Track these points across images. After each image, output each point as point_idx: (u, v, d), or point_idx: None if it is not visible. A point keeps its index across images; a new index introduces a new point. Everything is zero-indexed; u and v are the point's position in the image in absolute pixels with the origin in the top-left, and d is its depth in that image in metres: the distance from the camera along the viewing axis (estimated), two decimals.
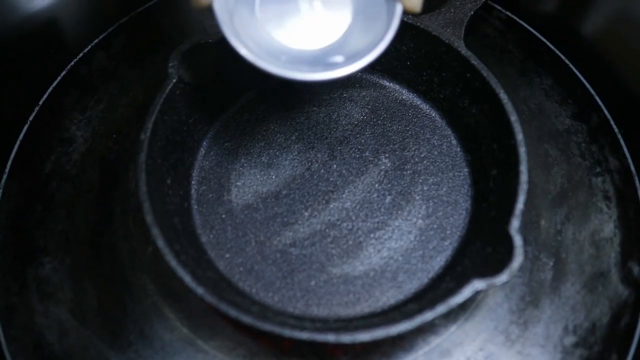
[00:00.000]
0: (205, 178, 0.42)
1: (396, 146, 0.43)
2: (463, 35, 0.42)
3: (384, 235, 0.39)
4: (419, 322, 0.31)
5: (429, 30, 0.41)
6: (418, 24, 0.42)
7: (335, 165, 0.42)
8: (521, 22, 0.51)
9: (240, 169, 0.42)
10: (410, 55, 0.44)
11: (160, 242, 0.33)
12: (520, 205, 0.34)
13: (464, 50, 0.40)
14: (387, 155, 0.43)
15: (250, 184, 0.41)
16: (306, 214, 0.40)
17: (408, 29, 0.42)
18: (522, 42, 0.49)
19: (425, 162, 0.42)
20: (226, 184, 0.41)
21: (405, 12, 0.33)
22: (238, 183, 0.41)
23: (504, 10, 0.51)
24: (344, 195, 0.41)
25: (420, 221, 0.40)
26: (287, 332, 0.31)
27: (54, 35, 0.50)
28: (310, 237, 0.39)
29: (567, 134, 0.45)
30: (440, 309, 0.31)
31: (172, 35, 0.50)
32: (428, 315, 0.31)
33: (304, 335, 0.31)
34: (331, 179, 0.42)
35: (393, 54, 0.45)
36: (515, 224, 0.33)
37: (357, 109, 0.45)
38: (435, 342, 0.36)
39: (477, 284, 0.31)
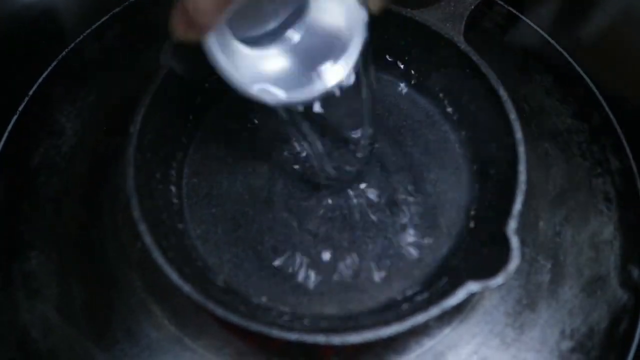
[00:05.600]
0: (196, 172, 0.41)
1: (393, 141, 0.42)
2: (463, 30, 0.41)
3: (379, 232, 0.38)
4: (411, 324, 0.30)
5: (428, 25, 0.41)
6: (417, 17, 0.41)
7: (330, 161, 0.41)
8: (523, 17, 0.50)
9: (233, 163, 0.41)
10: (409, 50, 0.43)
11: (148, 239, 0.32)
12: (517, 206, 0.33)
13: (463, 46, 0.39)
14: (383, 150, 0.42)
15: (242, 179, 0.40)
16: (299, 209, 0.39)
17: (406, 22, 0.42)
18: (524, 38, 0.48)
19: (422, 158, 0.42)
20: (218, 179, 0.40)
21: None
22: (230, 178, 0.41)
23: (505, 6, 0.50)
24: (338, 192, 0.40)
25: (416, 218, 0.39)
26: (276, 333, 0.30)
27: (45, 24, 0.49)
28: (302, 233, 0.38)
29: (568, 133, 0.44)
30: (434, 311, 0.30)
31: (166, 27, 0.49)
32: (420, 317, 0.30)
33: (293, 336, 0.30)
34: (326, 175, 0.41)
35: (391, 47, 0.44)
36: (512, 225, 0.32)
37: (353, 104, 0.44)
38: (429, 344, 0.35)
39: (472, 286, 0.30)
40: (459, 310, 0.36)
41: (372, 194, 0.40)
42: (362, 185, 0.40)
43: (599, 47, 0.48)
